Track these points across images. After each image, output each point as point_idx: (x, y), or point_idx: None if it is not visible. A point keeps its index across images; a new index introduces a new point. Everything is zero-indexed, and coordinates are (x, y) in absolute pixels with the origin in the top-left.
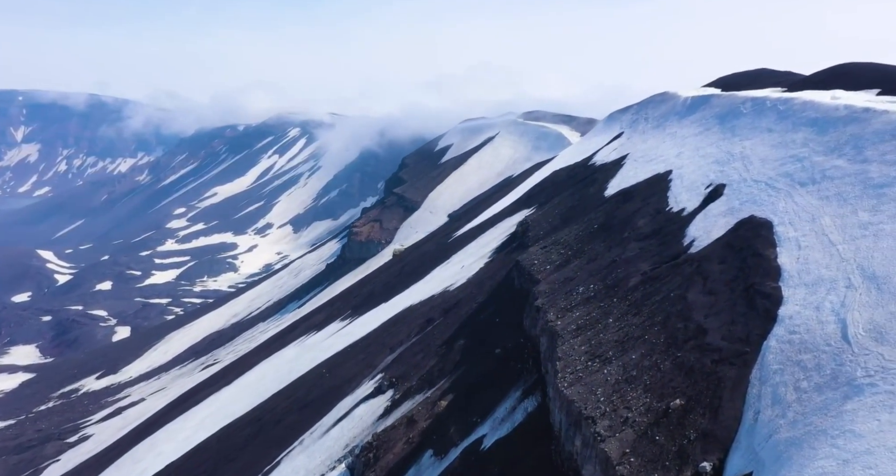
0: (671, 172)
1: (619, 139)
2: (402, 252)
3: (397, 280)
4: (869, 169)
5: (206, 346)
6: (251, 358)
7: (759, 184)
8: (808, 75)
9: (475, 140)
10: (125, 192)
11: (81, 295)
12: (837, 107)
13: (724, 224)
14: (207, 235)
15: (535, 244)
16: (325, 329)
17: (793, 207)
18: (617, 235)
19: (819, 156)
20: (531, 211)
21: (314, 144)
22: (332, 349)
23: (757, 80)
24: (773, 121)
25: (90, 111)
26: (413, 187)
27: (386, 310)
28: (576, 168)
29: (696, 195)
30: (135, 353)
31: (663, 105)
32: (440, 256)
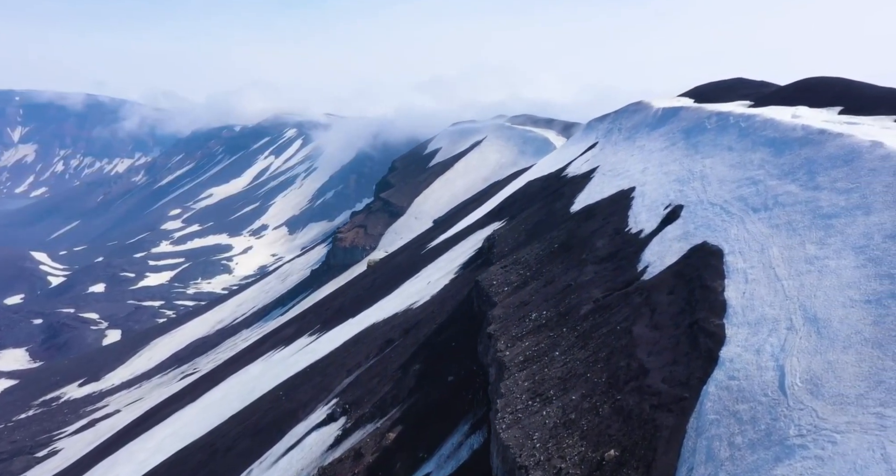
0: (634, 189)
1: (593, 150)
2: (376, 263)
3: (367, 293)
4: (819, 197)
5: (189, 353)
6: (220, 373)
7: (714, 207)
8: (777, 88)
9: (463, 144)
10: (121, 193)
11: (74, 297)
12: (795, 127)
13: (678, 249)
14: (202, 237)
15: (497, 262)
16: (293, 344)
17: (744, 235)
18: (576, 256)
19: (773, 179)
20: (502, 224)
21: (310, 145)
22: (294, 368)
23: (730, 91)
24: (735, 138)
25: (87, 111)
26: (399, 192)
27: (351, 326)
28: (549, 179)
29: (655, 216)
30: (119, 359)
31: (636, 115)
32: (410, 270)
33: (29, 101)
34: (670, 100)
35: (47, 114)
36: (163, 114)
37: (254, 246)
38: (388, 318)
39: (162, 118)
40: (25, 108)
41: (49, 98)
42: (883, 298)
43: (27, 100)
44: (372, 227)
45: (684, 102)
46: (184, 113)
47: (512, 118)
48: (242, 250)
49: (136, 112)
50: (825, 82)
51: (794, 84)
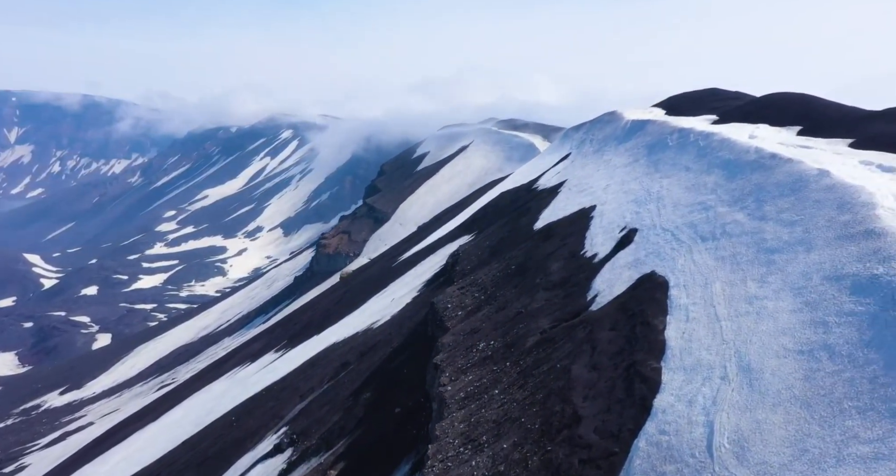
0: (594, 208)
1: (565, 161)
2: (349, 275)
3: (335, 308)
4: (765, 228)
5: (171, 361)
6: (184, 390)
7: (666, 233)
8: (743, 103)
9: (450, 148)
10: (117, 195)
11: (65, 300)
12: (749, 149)
13: (627, 278)
14: (197, 239)
15: (456, 283)
16: (258, 361)
17: (690, 266)
18: (530, 280)
19: (723, 206)
20: (471, 237)
21: (306, 147)
22: (252, 389)
23: (701, 102)
24: (693, 158)
25: (84, 112)
26: (384, 198)
27: (313, 345)
28: (520, 192)
29: (610, 239)
30: (102, 366)
31: (608, 127)
32: (379, 284)
33: (25, 102)
34: (642, 111)
35: (44, 114)
36: (159, 114)
37: (248, 248)
38: (349, 338)
39: (158, 119)
40: (22, 109)
41: (46, 99)
42: (815, 350)
43: (24, 100)
44: (356, 234)
45: (655, 114)
46: (180, 114)
47: (499, 122)
48: (237, 252)
49: (133, 113)
50: (788, 99)
51: (758, 99)
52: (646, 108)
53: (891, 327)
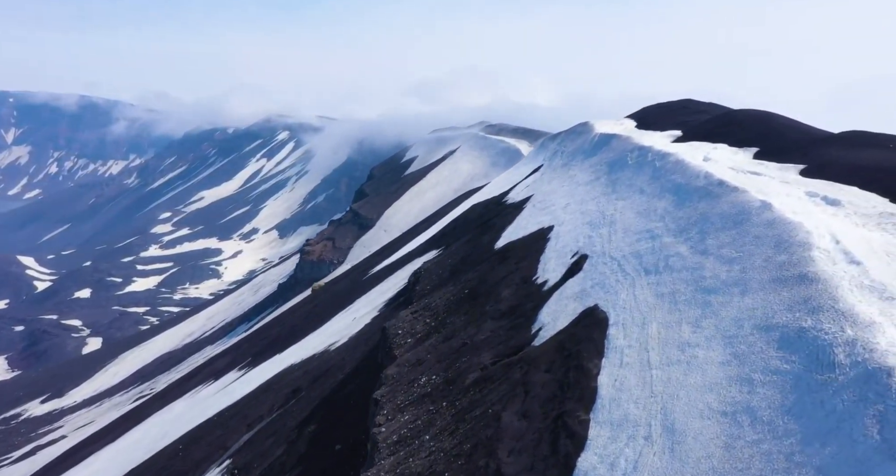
0: (552, 229)
1: (536, 174)
2: (320, 288)
3: (302, 324)
4: (705, 264)
5: (153, 369)
6: (145, 409)
7: (613, 262)
8: (707, 119)
9: (438, 153)
10: (113, 196)
11: (58, 303)
12: (699, 174)
13: (572, 311)
14: (192, 241)
15: (411, 306)
16: (220, 379)
17: (631, 303)
18: (480, 307)
19: (669, 236)
20: (437, 253)
21: (302, 148)
22: (205, 413)
23: (671, 115)
24: (647, 180)
25: (81, 113)
26: (369, 203)
27: (273, 365)
28: (489, 205)
29: (562, 265)
30: (85, 374)
31: (579, 139)
32: (345, 300)
33: (23, 103)
34: (613, 123)
35: (41, 115)
36: (156, 115)
37: (243, 250)
38: (305, 360)
39: (155, 119)
40: (19, 110)
41: (43, 99)
42: (738, 412)
43: (21, 101)
44: (340, 240)
45: (626, 126)
46: (177, 114)
47: (487, 127)
48: (232, 254)
49: (130, 114)
50: (750, 117)
51: (722, 116)
52: (618, 120)
53: (812, 393)
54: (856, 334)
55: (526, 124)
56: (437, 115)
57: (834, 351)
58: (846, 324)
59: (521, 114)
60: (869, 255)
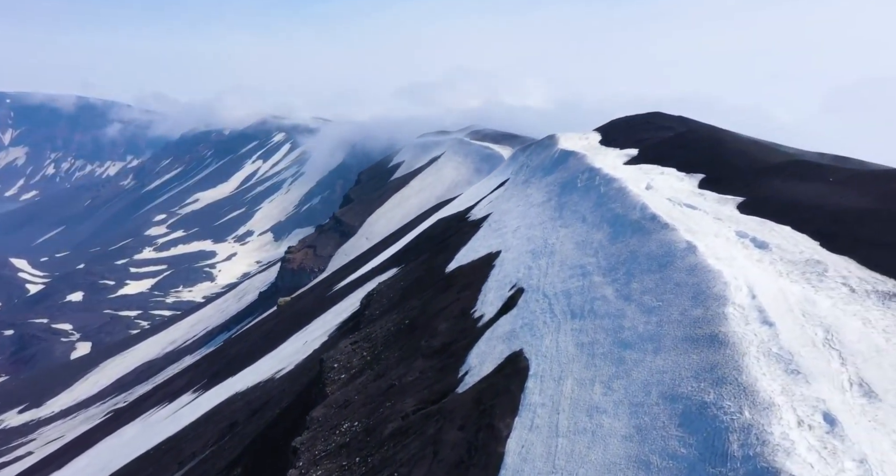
0: (499, 255)
1: (500, 189)
2: (285, 303)
3: (261, 344)
4: (626, 312)
5: (132, 379)
6: (97, 432)
7: (545, 300)
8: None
9: (424, 158)
10: (109, 198)
11: (49, 307)
12: (636, 206)
13: (498, 355)
14: (186, 243)
15: (352, 335)
16: (175, 402)
17: (553, 351)
18: (416, 341)
19: (599, 275)
20: (395, 271)
21: (298, 150)
22: (145, 444)
23: (635, 129)
24: (591, 207)
25: (79, 114)
26: (352, 210)
27: (222, 391)
28: (452, 222)
29: (500, 298)
30: (65, 382)
31: (543, 153)
32: (302, 320)
33: (20, 104)
34: (577, 138)
35: (38, 116)
36: (153, 116)
37: (238, 253)
38: (250, 389)
39: (152, 120)
40: (16, 111)
41: (40, 100)
42: None
43: (18, 102)
44: (322, 248)
45: (589, 142)
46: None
47: (472, 133)
48: (226, 257)
49: (127, 114)
50: (702, 138)
51: (677, 137)
52: (585, 133)
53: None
54: (753, 419)
55: (516, 128)
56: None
57: (729, 438)
58: (745, 403)
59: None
60: (784, 315)
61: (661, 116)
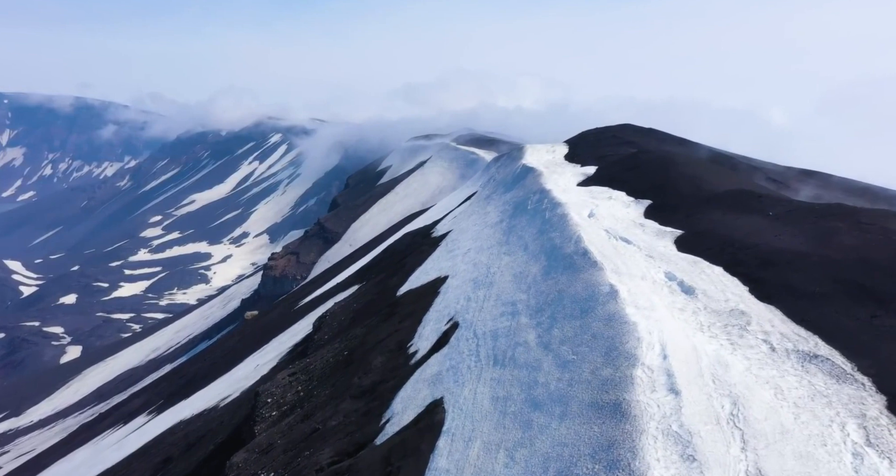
0: (446, 281)
1: (466, 203)
2: (252, 318)
3: (220, 363)
4: (542, 364)
5: (112, 388)
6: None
7: (474, 340)
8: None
9: (411, 163)
10: (105, 199)
11: (41, 310)
12: (572, 237)
13: (420, 402)
14: (182, 245)
15: (292, 365)
16: (129, 424)
17: (470, 404)
18: (349, 378)
19: (526, 315)
20: (355, 290)
21: (295, 151)
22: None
23: (601, 143)
24: (534, 234)
25: (76, 114)
26: (336, 216)
27: (170, 416)
28: (417, 237)
29: (435, 332)
30: (47, 390)
31: (509, 167)
32: (262, 339)
33: (17, 104)
34: (544, 151)
35: (36, 117)
36: (150, 117)
37: (233, 254)
38: (195, 417)
39: (149, 121)
40: (14, 111)
41: (38, 101)
42: None
43: (16, 102)
44: (305, 255)
45: (555, 156)
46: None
47: (459, 137)
48: (221, 259)
49: (124, 115)
50: (656, 161)
51: (632, 158)
52: (553, 145)
53: None
54: None
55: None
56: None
57: None
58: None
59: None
60: (692, 381)
61: (630, 129)
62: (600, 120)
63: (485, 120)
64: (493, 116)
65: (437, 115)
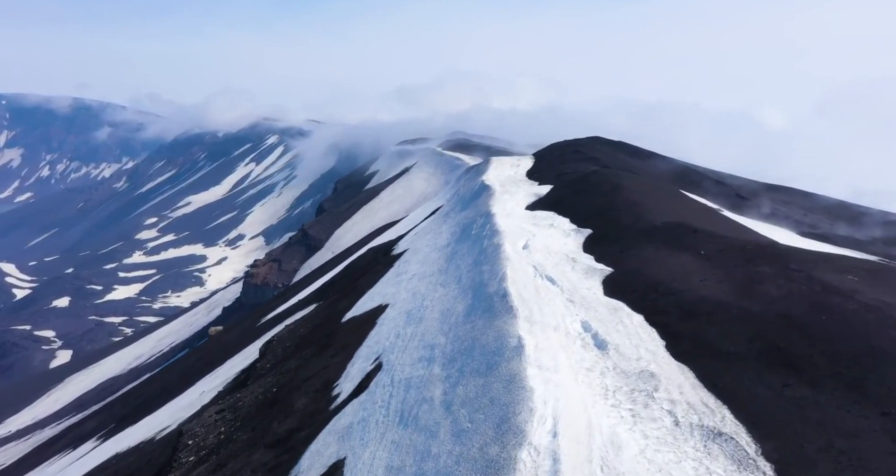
0: (385, 310)
1: (429, 218)
2: (216, 334)
3: (175, 384)
4: (440, 430)
5: (91, 397)
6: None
7: (389, 388)
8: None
9: (397, 168)
10: (102, 200)
11: (33, 313)
12: (497, 274)
13: (326, 460)
14: (177, 247)
15: (221, 401)
16: (76, 451)
17: (365, 473)
18: (269, 422)
19: (439, 365)
20: (308, 311)
21: (291, 152)
22: None
23: (564, 159)
24: (470, 265)
25: (74, 115)
26: (321, 222)
27: (110, 446)
28: (378, 253)
29: (360, 373)
30: (29, 398)
31: (473, 181)
32: (218, 359)
33: (15, 105)
34: (510, 164)
35: (34, 118)
36: (148, 117)
37: (228, 257)
38: (130, 451)
39: (147, 122)
40: (12, 112)
41: (36, 102)
42: None
43: (13, 103)
44: (287, 262)
45: (518, 170)
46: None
47: (444, 142)
48: (216, 261)
49: (122, 116)
50: (603, 185)
51: (581, 179)
52: (519, 158)
53: None
54: None
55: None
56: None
57: None
58: None
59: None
60: (578, 469)
61: (599, 143)
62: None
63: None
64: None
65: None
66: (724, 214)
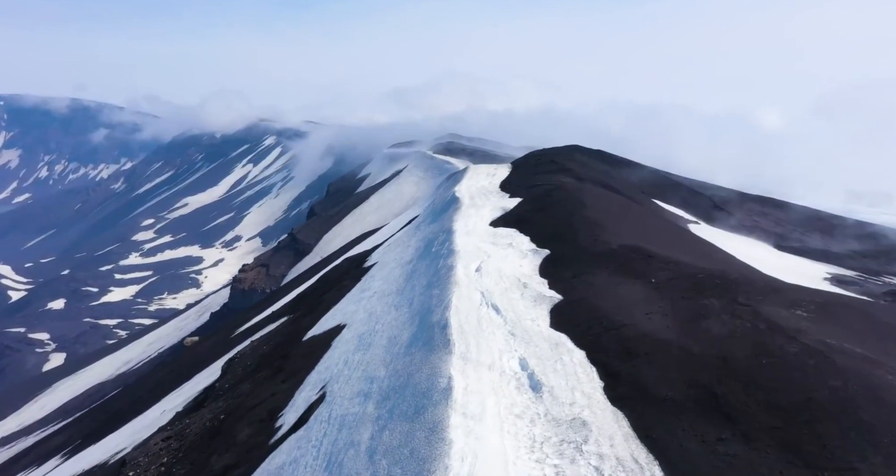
0: (340, 332)
1: (403, 229)
2: (192, 344)
3: (144, 399)
4: None
5: (77, 404)
6: None
7: (325, 425)
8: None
9: (388, 171)
10: (99, 201)
11: (28, 315)
12: (443, 301)
13: None
14: (173, 248)
15: (167, 429)
16: (42, 467)
17: None
18: (209, 455)
19: (373, 403)
20: (274, 327)
21: (289, 154)
22: None
23: (539, 170)
24: (423, 286)
25: (72, 116)
26: (310, 226)
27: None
28: (351, 265)
29: (305, 403)
30: (17, 404)
31: (449, 190)
32: (187, 373)
33: (13, 106)
34: (486, 173)
35: (31, 118)
36: (145, 118)
37: (225, 258)
38: (84, 474)
39: (145, 123)
40: (9, 113)
41: (33, 102)
42: None
43: (11, 104)
44: (275, 267)
45: (493, 180)
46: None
47: (435, 145)
48: (213, 263)
49: (119, 117)
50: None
51: (546, 195)
52: (497, 167)
53: None
54: None
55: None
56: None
57: None
58: None
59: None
60: None
61: (576, 152)
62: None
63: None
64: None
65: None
66: (690, 231)
